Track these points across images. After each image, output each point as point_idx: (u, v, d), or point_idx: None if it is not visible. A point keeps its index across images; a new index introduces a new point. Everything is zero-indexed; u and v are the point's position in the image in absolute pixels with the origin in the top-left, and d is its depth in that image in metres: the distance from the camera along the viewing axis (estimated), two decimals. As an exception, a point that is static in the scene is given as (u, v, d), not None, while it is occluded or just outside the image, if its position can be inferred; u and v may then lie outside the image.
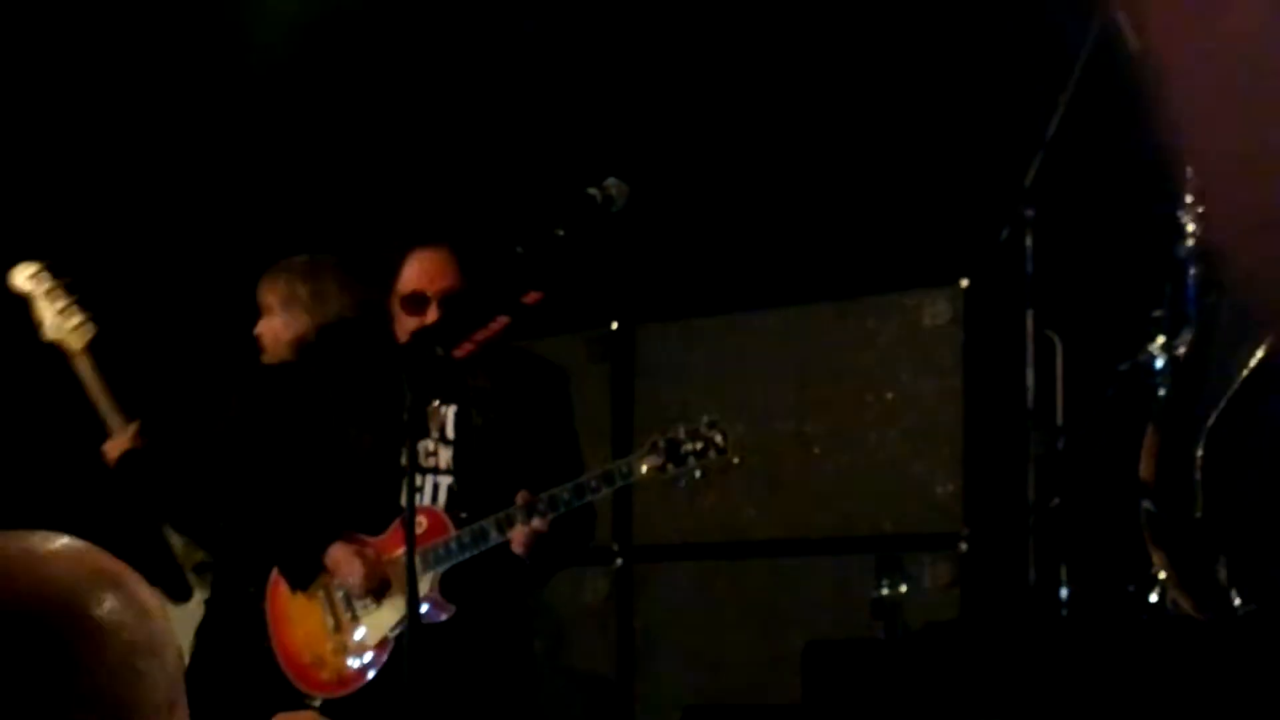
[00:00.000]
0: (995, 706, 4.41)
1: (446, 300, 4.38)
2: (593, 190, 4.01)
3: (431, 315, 4.38)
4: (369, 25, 6.48)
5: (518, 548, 4.28)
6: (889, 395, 5.68)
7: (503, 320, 4.22)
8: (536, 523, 4.26)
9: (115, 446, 4.89)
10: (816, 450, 5.77)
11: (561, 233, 3.92)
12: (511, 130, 6.38)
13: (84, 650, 1.23)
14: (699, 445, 4.40)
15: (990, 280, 5.54)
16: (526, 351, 4.63)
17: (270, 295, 4.90)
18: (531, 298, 4.06)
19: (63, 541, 1.32)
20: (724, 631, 5.83)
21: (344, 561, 4.44)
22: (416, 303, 4.40)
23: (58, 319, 4.90)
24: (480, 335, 4.24)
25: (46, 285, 4.94)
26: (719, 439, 4.41)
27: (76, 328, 4.89)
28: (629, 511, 6.05)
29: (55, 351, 4.92)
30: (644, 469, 4.40)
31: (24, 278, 4.95)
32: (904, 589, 5.12)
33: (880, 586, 5.15)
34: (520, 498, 4.29)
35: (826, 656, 4.94)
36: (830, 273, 5.93)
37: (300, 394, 4.60)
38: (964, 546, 5.47)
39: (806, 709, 4.77)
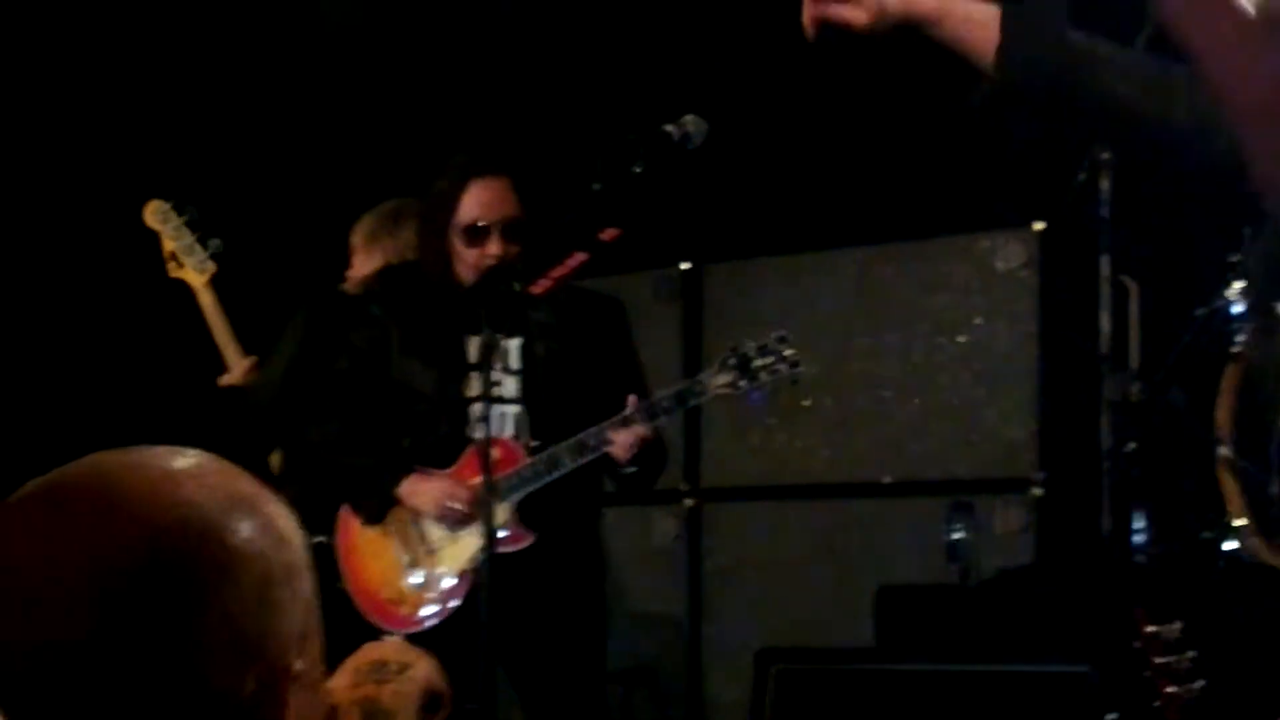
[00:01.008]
0: (1067, 651, 4.39)
1: (507, 229, 4.35)
2: (670, 127, 3.97)
3: (493, 246, 4.35)
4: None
5: (620, 451, 4.26)
6: (962, 339, 5.64)
7: (580, 257, 4.19)
8: (642, 428, 4.25)
9: (231, 380, 4.96)
10: (888, 393, 5.74)
11: (639, 169, 3.88)
12: (588, 65, 6.33)
13: (217, 579, 1.22)
14: (770, 359, 4.38)
15: (1065, 224, 5.48)
16: (581, 287, 4.61)
17: (356, 236, 4.96)
18: (608, 234, 4.03)
19: (202, 462, 1.30)
20: (794, 575, 5.81)
21: (436, 489, 4.42)
22: (476, 234, 4.38)
23: (183, 255, 5.02)
24: (557, 271, 4.22)
25: (173, 222, 5.05)
26: (789, 352, 4.39)
27: (200, 264, 5.00)
28: (698, 453, 6.04)
29: (181, 286, 5.04)
30: (716, 384, 4.38)
31: (152, 214, 5.06)
32: (976, 533, 5.09)
33: (952, 530, 5.12)
34: (630, 402, 4.27)
35: (899, 600, 4.92)
36: (904, 214, 5.88)
37: (363, 330, 4.58)
38: (1037, 491, 5.44)
39: (879, 652, 4.75)
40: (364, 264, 4.90)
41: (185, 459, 1.29)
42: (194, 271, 5.00)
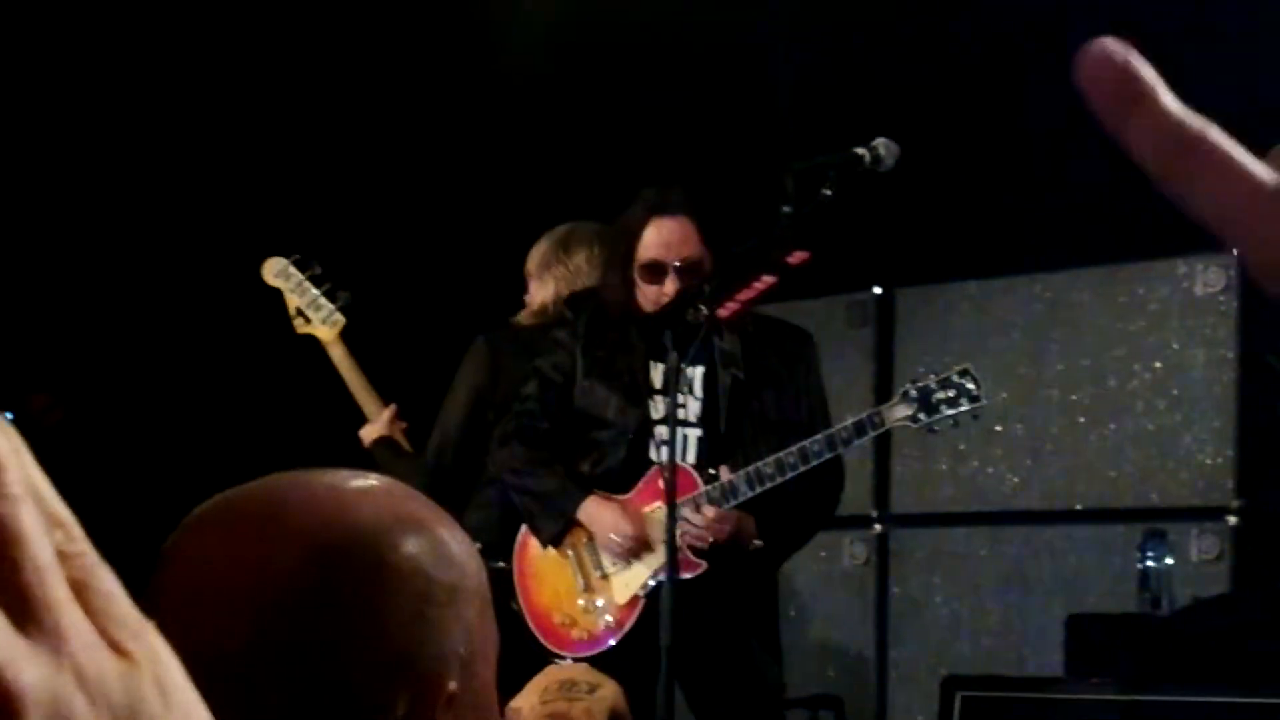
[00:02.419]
0: (1265, 682, 4.30)
1: (684, 270, 4.37)
2: (861, 150, 3.98)
3: (669, 285, 4.37)
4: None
5: (696, 536, 4.30)
6: (1157, 364, 5.56)
7: (768, 280, 4.20)
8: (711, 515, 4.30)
9: (372, 431, 4.95)
10: (1081, 419, 5.67)
11: (829, 192, 3.89)
12: (774, 87, 6.35)
13: (374, 596, 1.23)
14: (951, 393, 4.37)
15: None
16: (770, 317, 4.62)
17: (530, 261, 4.95)
18: (797, 258, 4.04)
19: (373, 482, 1.32)
20: (983, 601, 5.77)
21: (607, 517, 4.45)
22: (655, 271, 4.40)
23: (309, 311, 4.97)
24: (745, 295, 4.23)
25: (295, 279, 5.00)
26: (972, 386, 4.37)
27: (328, 318, 4.95)
28: (888, 478, 6.01)
29: (310, 343, 5.00)
30: (896, 417, 4.38)
31: (273, 273, 5.02)
32: (1170, 561, 5.00)
33: (1145, 558, 5.04)
34: (722, 472, 4.31)
35: (1089, 628, 4.85)
36: (1098, 237, 5.81)
37: (549, 356, 4.63)
38: (1233, 520, 5.34)
39: (1068, 681, 4.69)
40: (539, 290, 4.90)
41: (360, 480, 1.31)
42: (322, 326, 4.95)
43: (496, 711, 1.34)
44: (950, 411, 4.37)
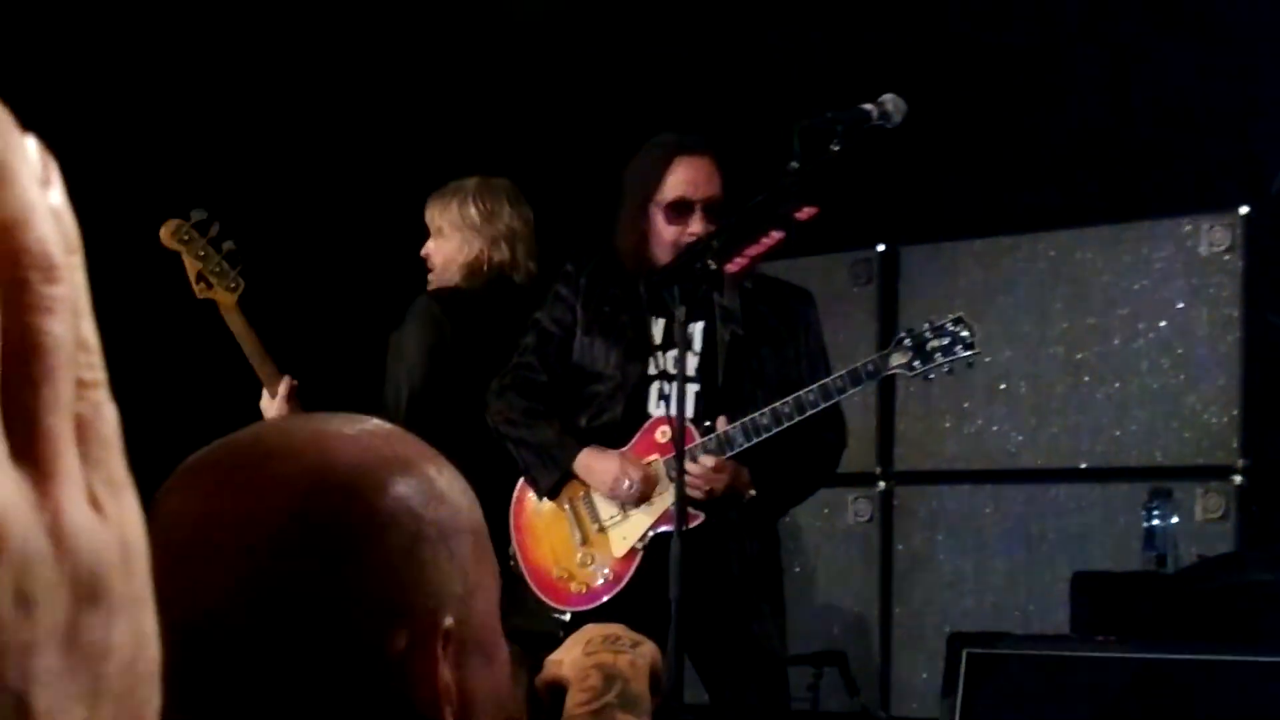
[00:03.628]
0: (1269, 641, 4.30)
1: (710, 208, 4.37)
2: (869, 106, 3.96)
3: (695, 224, 4.37)
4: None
5: (698, 484, 4.30)
6: (1162, 323, 5.55)
7: (777, 235, 4.19)
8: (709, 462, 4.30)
9: (270, 405, 4.78)
10: (1086, 378, 5.67)
11: (837, 148, 3.87)
12: (784, 43, 6.32)
13: (363, 535, 1.22)
14: (946, 340, 4.37)
15: (1272, 208, 5.38)
16: (771, 276, 4.62)
17: (441, 217, 4.89)
18: (805, 213, 4.03)
19: (359, 426, 1.30)
20: (988, 559, 5.78)
21: (611, 467, 4.45)
22: (680, 209, 4.39)
23: (210, 275, 4.76)
24: (753, 250, 4.22)
25: (198, 242, 4.78)
26: (966, 333, 4.37)
27: (229, 283, 4.76)
28: (892, 435, 6.01)
29: (209, 307, 4.80)
30: (891, 365, 4.38)
31: (171, 235, 4.79)
32: (1175, 520, 5.01)
33: (1150, 517, 5.04)
34: (719, 423, 4.31)
35: (1094, 586, 4.86)
36: (1104, 195, 5.81)
37: (549, 310, 4.62)
38: (1238, 479, 5.34)
39: (1074, 638, 4.70)
40: (461, 248, 4.85)
41: (344, 424, 1.30)
42: (223, 291, 4.75)
43: (501, 645, 1.33)
44: (944, 359, 4.38)
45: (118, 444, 0.51)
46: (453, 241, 4.87)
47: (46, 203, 0.49)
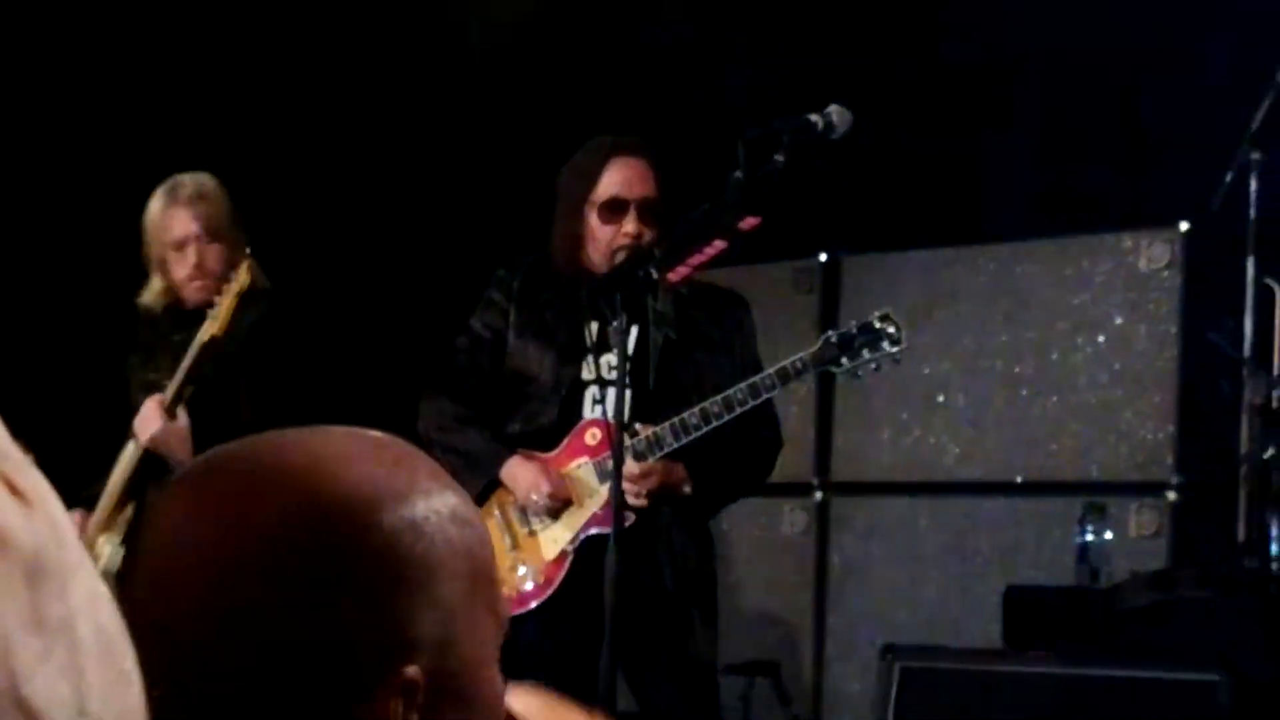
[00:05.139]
0: (1198, 659, 4.32)
1: (644, 208, 4.39)
2: (814, 116, 3.96)
3: (629, 224, 4.39)
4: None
5: (630, 487, 4.29)
6: (1101, 338, 5.57)
7: (719, 245, 4.19)
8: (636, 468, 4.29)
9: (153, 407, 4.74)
10: (1024, 391, 5.68)
11: (781, 159, 3.87)
12: (728, 53, 6.33)
13: (336, 570, 1.18)
14: (872, 337, 4.39)
15: (1211, 225, 5.40)
16: (704, 281, 4.63)
17: (209, 221, 4.81)
18: (749, 224, 4.03)
19: (382, 442, 1.27)
20: (922, 571, 5.78)
21: (526, 476, 4.45)
22: (615, 209, 4.41)
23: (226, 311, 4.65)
24: (696, 259, 4.23)
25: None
26: (892, 330, 4.40)
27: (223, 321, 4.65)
28: (829, 446, 6.01)
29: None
30: (817, 362, 4.39)
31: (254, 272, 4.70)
32: (1109, 536, 5.02)
33: (1084, 532, 5.06)
34: (640, 430, 4.30)
35: (1027, 601, 4.87)
36: (1046, 209, 5.82)
37: (482, 313, 4.62)
38: (1173, 495, 5.36)
39: (1006, 653, 4.71)
40: (220, 255, 4.79)
41: (349, 443, 1.25)
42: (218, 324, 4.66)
43: (488, 694, 1.28)
44: (871, 355, 4.40)
45: (3, 429, 0.51)
46: (213, 246, 4.82)
47: None
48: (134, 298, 4.94)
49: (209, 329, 4.58)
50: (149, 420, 4.70)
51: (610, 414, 4.30)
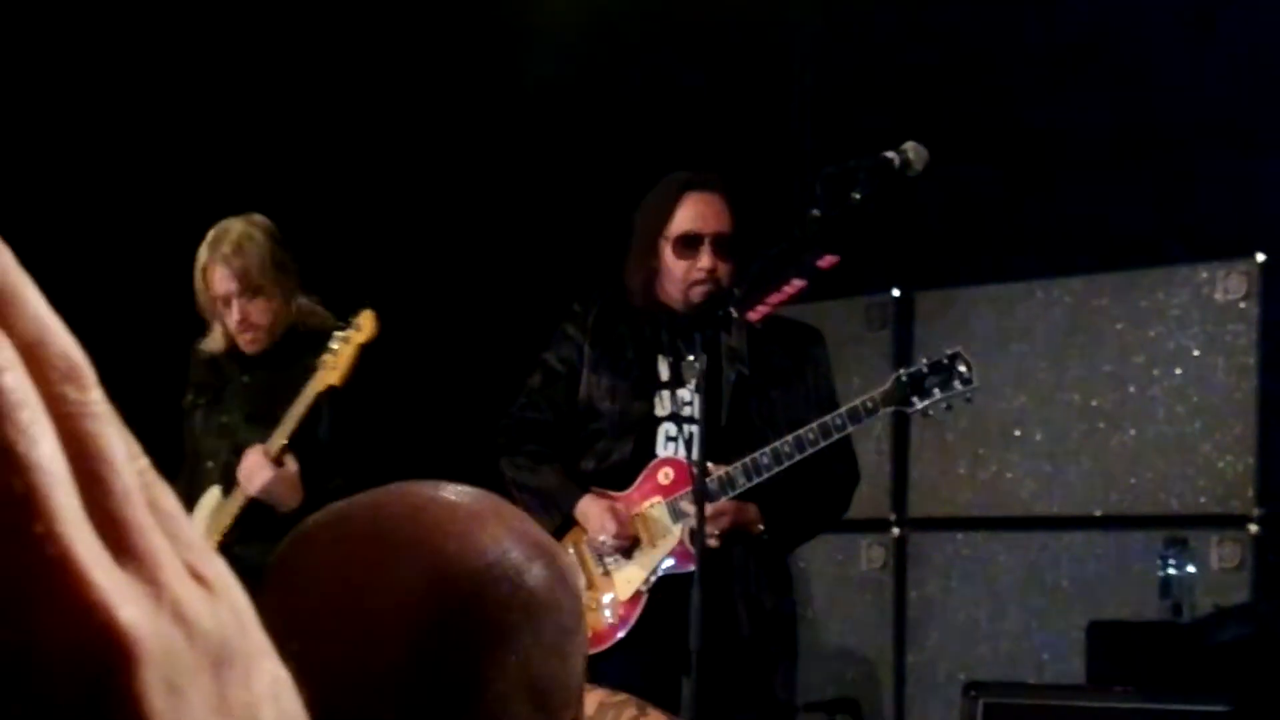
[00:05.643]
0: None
1: (719, 243, 4.39)
2: (891, 154, 3.96)
3: (704, 259, 4.39)
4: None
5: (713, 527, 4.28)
6: (1178, 370, 5.54)
7: (798, 284, 4.20)
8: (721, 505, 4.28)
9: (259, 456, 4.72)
10: (1101, 424, 5.65)
11: (858, 196, 3.88)
12: (795, 90, 6.33)
13: (520, 625, 1.17)
14: (943, 376, 4.37)
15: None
16: (779, 315, 4.63)
17: (259, 272, 4.78)
18: (827, 262, 4.04)
19: (499, 504, 1.26)
20: (1002, 607, 5.75)
21: (595, 516, 4.46)
22: (689, 243, 4.42)
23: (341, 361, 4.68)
24: (776, 298, 4.24)
25: None
26: (963, 368, 4.38)
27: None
28: (906, 482, 5.99)
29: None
30: (888, 402, 4.38)
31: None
32: (1191, 569, 4.99)
33: (1166, 565, 5.03)
34: (715, 469, 4.29)
35: (1110, 636, 4.84)
36: (1120, 242, 5.79)
37: (556, 350, 4.63)
38: (1255, 528, 5.32)
39: (1089, 688, 4.68)
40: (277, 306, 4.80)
41: (469, 498, 1.25)
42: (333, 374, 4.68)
43: None
44: (943, 395, 4.39)
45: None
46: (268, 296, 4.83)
47: (54, 317, 0.49)
48: (183, 340, 4.98)
49: (326, 378, 4.54)
50: (255, 470, 4.65)
51: (683, 453, 4.32)
